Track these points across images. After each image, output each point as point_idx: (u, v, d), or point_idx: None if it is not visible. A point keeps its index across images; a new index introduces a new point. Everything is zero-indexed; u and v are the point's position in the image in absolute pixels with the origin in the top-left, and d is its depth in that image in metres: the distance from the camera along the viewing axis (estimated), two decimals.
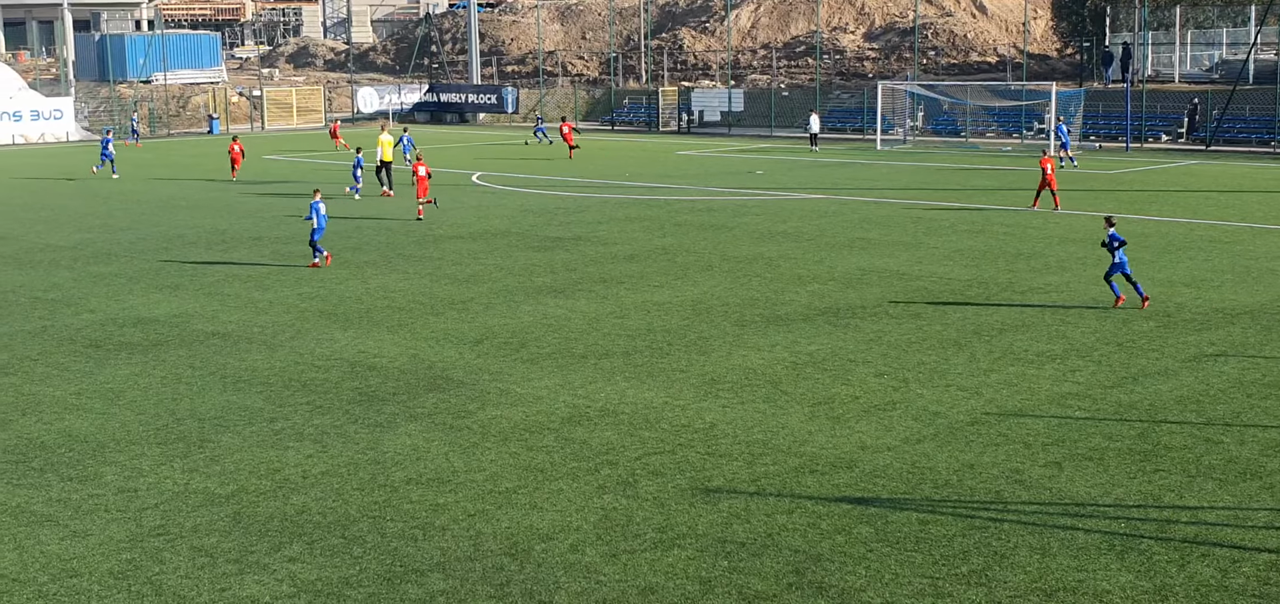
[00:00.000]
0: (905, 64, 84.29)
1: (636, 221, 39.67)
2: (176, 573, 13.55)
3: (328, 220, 32.28)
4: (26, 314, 26.78)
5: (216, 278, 30.62)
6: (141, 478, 16.51)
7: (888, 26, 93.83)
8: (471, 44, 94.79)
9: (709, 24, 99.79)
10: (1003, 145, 67.03)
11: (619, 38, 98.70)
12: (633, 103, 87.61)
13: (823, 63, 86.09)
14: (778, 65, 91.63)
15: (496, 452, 17.42)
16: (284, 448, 17.68)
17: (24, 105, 78.12)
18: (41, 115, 78.12)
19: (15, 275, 31.29)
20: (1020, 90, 70.24)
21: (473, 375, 21.42)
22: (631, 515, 15.02)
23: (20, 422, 19.04)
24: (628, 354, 22.77)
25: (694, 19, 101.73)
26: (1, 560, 13.89)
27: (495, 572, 13.50)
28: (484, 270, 31.30)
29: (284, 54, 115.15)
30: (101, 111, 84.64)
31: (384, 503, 15.53)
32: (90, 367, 22.33)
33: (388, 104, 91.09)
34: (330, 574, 13.48)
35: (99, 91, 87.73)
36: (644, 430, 18.29)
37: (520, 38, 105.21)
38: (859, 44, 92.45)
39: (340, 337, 24.38)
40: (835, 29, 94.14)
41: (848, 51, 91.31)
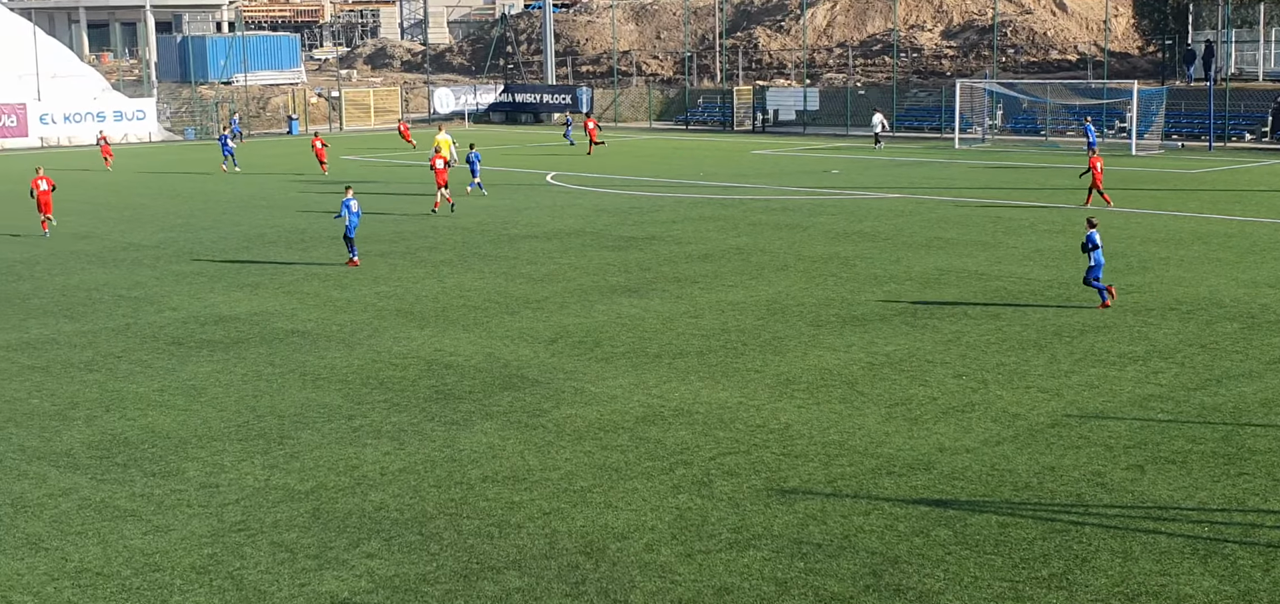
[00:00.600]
0: (984, 62, 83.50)
1: (711, 221, 39.60)
2: (257, 568, 13.70)
3: (360, 218, 32.63)
4: (110, 312, 27.22)
5: (295, 277, 30.96)
6: (223, 474, 16.72)
7: (966, 24, 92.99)
8: (546, 44, 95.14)
9: (784, 23, 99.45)
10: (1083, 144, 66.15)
11: (693, 37, 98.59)
12: (707, 102, 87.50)
13: (900, 61, 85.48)
14: (854, 64, 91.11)
15: (571, 450, 17.45)
16: (362, 445, 17.82)
17: (108, 106, 79.46)
18: (124, 116, 79.41)
19: (99, 273, 31.82)
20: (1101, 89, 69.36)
21: (547, 374, 21.48)
22: (707, 515, 14.98)
23: (104, 418, 19.35)
24: (702, 354, 22.73)
25: (769, 18, 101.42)
26: (86, 554, 14.12)
27: (570, 570, 13.52)
28: (558, 269, 31.38)
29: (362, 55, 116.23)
30: (183, 112, 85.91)
31: (460, 500, 15.61)
32: (172, 364, 22.65)
33: (463, 104, 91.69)
34: (407, 571, 13.57)
35: (180, 92, 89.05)
36: (719, 430, 18.24)
37: (595, 38, 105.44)
38: (937, 42, 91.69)
39: (417, 335, 24.54)
40: (913, 27, 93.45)
41: (925, 50, 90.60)
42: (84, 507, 15.57)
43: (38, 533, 14.73)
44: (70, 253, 35.04)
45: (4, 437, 18.41)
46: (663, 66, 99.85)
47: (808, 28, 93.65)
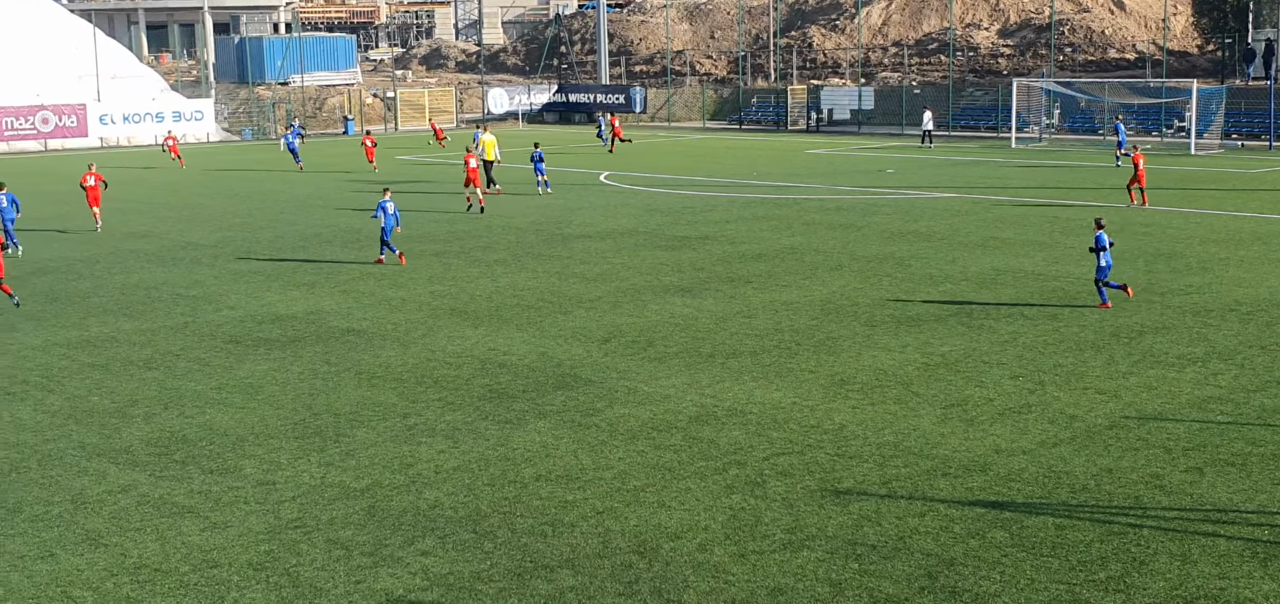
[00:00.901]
0: (1041, 61, 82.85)
1: (764, 221, 39.51)
2: (313, 565, 13.80)
3: (396, 219, 32.96)
4: (169, 310, 27.51)
5: (351, 275, 31.17)
6: (279, 471, 16.85)
7: (1023, 23, 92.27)
8: (600, 44, 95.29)
9: (839, 22, 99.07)
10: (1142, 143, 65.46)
11: (748, 36, 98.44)
12: (761, 102, 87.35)
13: (956, 60, 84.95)
14: (909, 63, 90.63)
15: (624, 450, 17.46)
16: (417, 443, 17.91)
17: (166, 106, 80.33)
18: (183, 116, 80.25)
19: (159, 272, 32.17)
20: (1160, 87, 68.62)
21: (600, 373, 21.50)
22: (760, 516, 14.94)
23: (163, 415, 19.55)
24: (755, 354, 22.67)
25: (824, 17, 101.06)
26: (144, 550, 14.28)
27: (624, 569, 13.52)
28: (611, 269, 31.41)
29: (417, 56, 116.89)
30: (240, 113, 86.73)
31: (514, 499, 15.65)
32: (230, 362, 22.86)
33: (517, 105, 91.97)
34: (462, 569, 13.62)
35: (238, 93, 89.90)
36: (772, 431, 18.19)
37: (649, 37, 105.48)
38: (993, 41, 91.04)
39: (471, 334, 24.64)
40: (969, 26, 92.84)
41: (982, 48, 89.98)
42: (143, 503, 15.74)
43: (97, 529, 14.91)
44: (130, 252, 35.44)
45: (65, 434, 18.65)
46: (716, 66, 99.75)
47: (863, 26, 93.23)
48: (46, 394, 20.82)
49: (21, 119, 74.58)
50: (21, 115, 74.65)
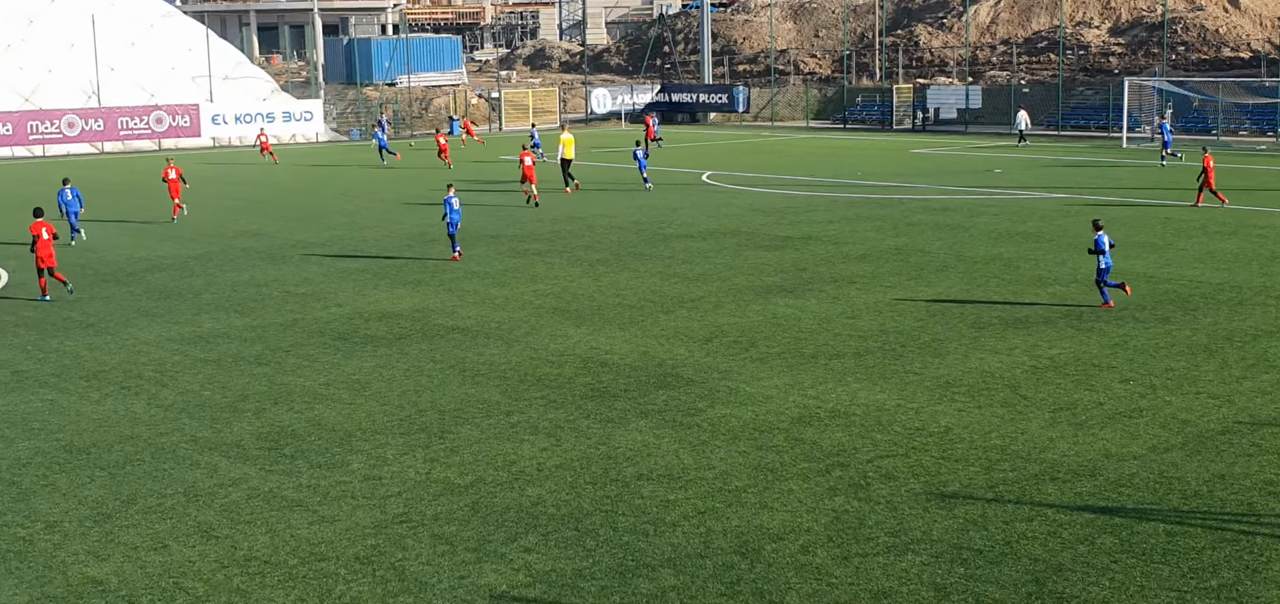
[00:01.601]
0: (1153, 60, 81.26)
1: (869, 221, 39.21)
2: (418, 559, 13.94)
3: (461, 215, 33.71)
4: (279, 307, 27.97)
5: (455, 274, 31.46)
6: (385, 466, 17.06)
7: (1135, 21, 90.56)
8: (704, 43, 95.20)
9: (946, 20, 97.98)
10: (1257, 144, 63.98)
11: (853, 35, 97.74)
12: (865, 101, 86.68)
13: (1066, 59, 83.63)
14: (1018, 61, 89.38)
15: (726, 450, 17.42)
16: (520, 441, 18.03)
17: (277, 107, 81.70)
18: (293, 116, 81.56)
19: (269, 270, 32.73)
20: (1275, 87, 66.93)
21: (702, 373, 21.48)
22: (863, 518, 14.82)
23: (273, 410, 19.89)
24: (859, 355, 22.50)
25: (930, 15, 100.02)
26: (254, 543, 14.53)
27: (725, 570, 13.49)
28: (713, 269, 31.36)
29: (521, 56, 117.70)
30: (349, 113, 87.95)
31: (616, 497, 15.69)
32: (338, 358, 23.19)
33: (620, 104, 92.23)
34: (564, 566, 13.68)
35: (346, 94, 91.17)
36: (876, 433, 18.04)
37: (752, 36, 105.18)
38: (1104, 39, 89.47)
39: (573, 333, 24.75)
40: (1079, 24, 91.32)
41: (1092, 47, 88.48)
42: (253, 496, 16.02)
43: (209, 521, 15.20)
44: (241, 250, 36.11)
45: (178, 427, 19.05)
46: (821, 65, 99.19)
47: (970, 24, 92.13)
48: (160, 388, 21.28)
49: (137, 119, 76.32)
50: (137, 115, 76.39)
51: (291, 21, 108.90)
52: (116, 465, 17.30)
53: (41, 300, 29.09)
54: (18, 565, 13.96)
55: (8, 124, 72.47)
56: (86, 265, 33.81)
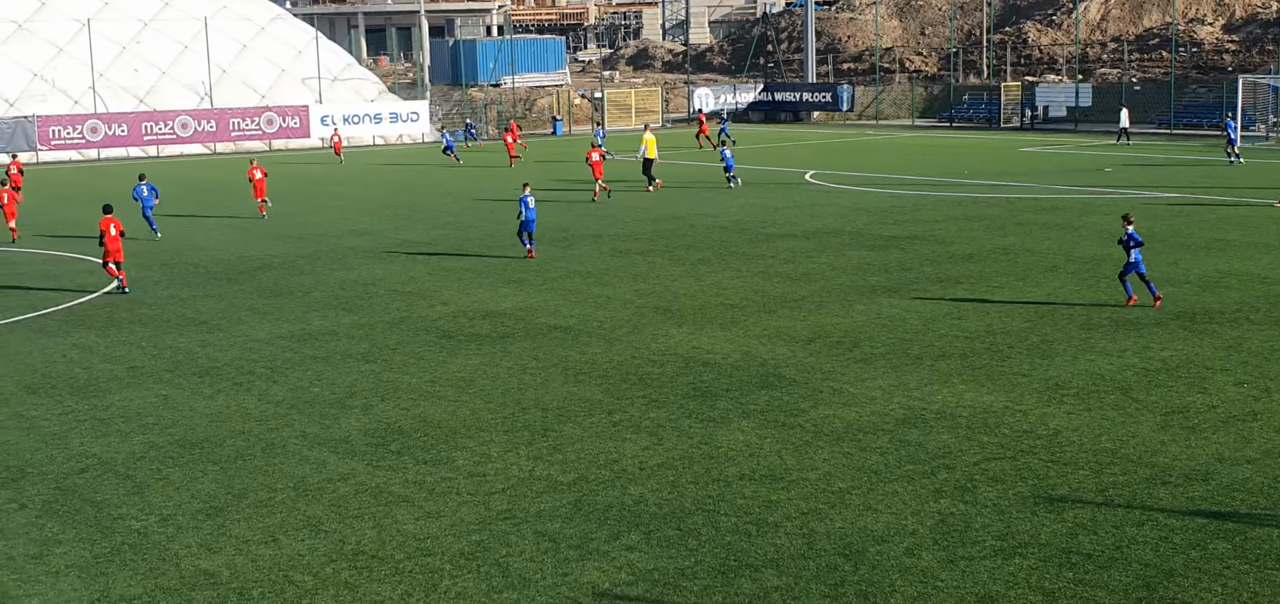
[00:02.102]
0: (1268, 57, 79.32)
1: (975, 220, 38.74)
2: (522, 556, 14.04)
3: (536, 213, 34.22)
4: (386, 306, 28.33)
5: (558, 273, 31.63)
6: (490, 463, 17.20)
7: (1249, 18, 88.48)
8: (808, 42, 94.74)
9: (1055, 17, 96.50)
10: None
11: (960, 32, 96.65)
12: (972, 99, 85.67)
13: (1178, 56, 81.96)
14: (1129, 59, 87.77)
15: (829, 451, 17.32)
16: (622, 439, 18.07)
17: (384, 108, 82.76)
18: (399, 117, 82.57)
19: (376, 269, 33.16)
20: None
21: (805, 373, 21.37)
22: (970, 521, 14.64)
23: (380, 407, 20.15)
24: (965, 356, 22.24)
25: (1039, 12, 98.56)
26: (362, 538, 14.73)
27: (829, 571, 13.40)
28: (816, 269, 31.19)
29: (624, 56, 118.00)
30: (454, 114, 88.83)
31: (718, 497, 15.66)
32: (443, 356, 23.43)
33: (722, 104, 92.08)
34: (666, 565, 13.69)
35: (452, 95, 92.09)
36: (983, 435, 17.81)
37: (857, 35, 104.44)
38: (1217, 36, 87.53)
39: (675, 332, 24.75)
40: (1192, 21, 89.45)
41: (1206, 44, 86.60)
42: (361, 492, 16.24)
43: (318, 516, 15.44)
44: (349, 249, 36.62)
45: (288, 423, 19.37)
46: (927, 63, 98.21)
47: (1080, 21, 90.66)
48: (271, 385, 21.65)
49: (248, 120, 77.76)
50: (248, 116, 77.83)
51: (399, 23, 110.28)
52: (228, 460, 17.64)
53: (123, 292, 30.22)
54: (132, 558, 14.29)
55: (123, 125, 74.24)
56: (199, 264, 34.53)
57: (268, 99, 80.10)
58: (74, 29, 76.71)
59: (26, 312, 28.35)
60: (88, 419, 19.77)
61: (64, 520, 15.46)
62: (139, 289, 30.89)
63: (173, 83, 78.55)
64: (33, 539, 14.87)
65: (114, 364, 23.33)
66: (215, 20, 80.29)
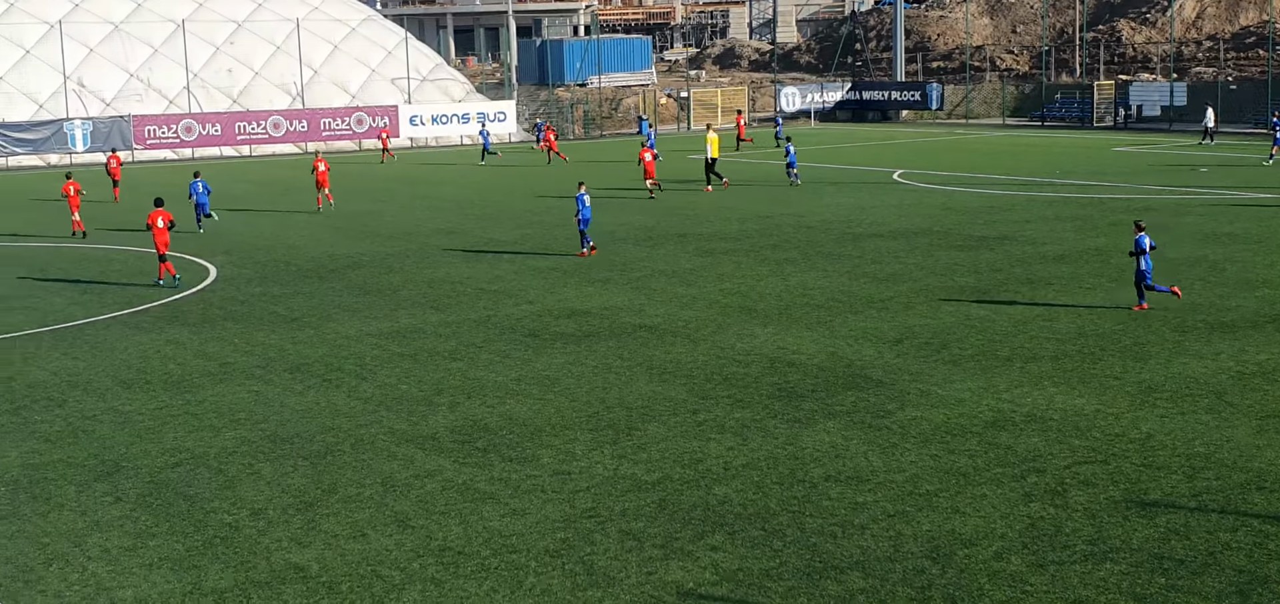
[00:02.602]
0: None
1: (1067, 221, 38.21)
2: (606, 554, 14.06)
3: (592, 211, 34.64)
4: (473, 304, 28.53)
5: (642, 273, 31.65)
6: (574, 462, 17.25)
7: None
8: (897, 40, 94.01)
9: (1150, 15, 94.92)
10: None
11: (1052, 31, 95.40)
12: (1064, 97, 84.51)
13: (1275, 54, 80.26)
14: (1225, 57, 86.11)
15: (917, 453, 17.16)
16: (706, 439, 18.04)
17: (471, 108, 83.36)
18: (487, 117, 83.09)
19: (463, 268, 33.40)
20: None
21: (892, 375, 21.20)
22: (1060, 525, 14.44)
23: (466, 404, 20.29)
24: (1056, 358, 21.94)
25: (1133, 10, 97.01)
26: (448, 533, 14.84)
27: (916, 574, 13.28)
28: (904, 269, 30.93)
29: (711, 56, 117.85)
30: (540, 113, 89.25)
31: (803, 498, 15.59)
32: (529, 354, 23.54)
33: (810, 103, 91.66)
34: (751, 565, 13.64)
35: (538, 94, 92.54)
36: (1074, 438, 17.56)
37: (947, 33, 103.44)
38: None
39: (760, 332, 24.67)
40: None
41: None
42: (447, 488, 16.37)
43: (405, 511, 15.58)
44: (436, 248, 36.92)
45: (376, 420, 19.57)
46: (1018, 61, 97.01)
47: (1175, 19, 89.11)
48: (360, 382, 21.89)
49: (338, 120, 78.68)
50: (338, 116, 78.76)
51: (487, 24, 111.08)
52: (318, 455, 17.86)
53: (162, 282, 31.49)
54: (224, 551, 14.51)
55: (216, 125, 75.47)
56: (290, 261, 35.00)
57: (358, 99, 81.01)
58: (169, 30, 78.11)
59: (122, 308, 28.91)
60: (181, 414, 20.12)
61: (157, 513, 15.74)
62: (231, 286, 31.38)
63: (265, 83, 79.71)
64: (127, 532, 15.16)
65: (207, 360, 23.72)
66: (307, 21, 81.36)
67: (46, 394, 21.51)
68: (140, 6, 79.39)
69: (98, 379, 22.46)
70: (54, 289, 31.64)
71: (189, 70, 77.06)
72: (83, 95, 74.79)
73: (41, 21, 75.56)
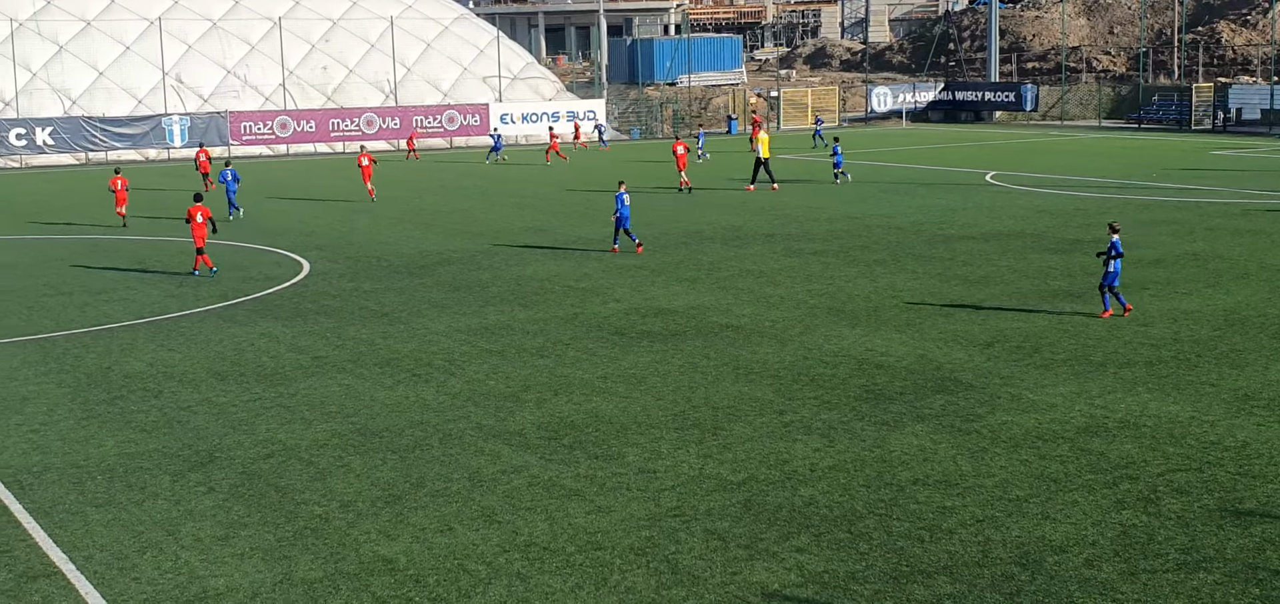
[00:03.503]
0: None
1: (1163, 225, 37.56)
2: (691, 553, 14.05)
3: (630, 209, 35.34)
4: (560, 301, 28.65)
5: (729, 272, 31.59)
6: (660, 460, 17.26)
7: None
8: (991, 40, 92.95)
9: (1250, 17, 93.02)
10: None
11: (1149, 32, 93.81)
12: (1162, 100, 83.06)
13: None
14: None
15: (1007, 458, 16.96)
16: (792, 440, 17.97)
17: (561, 107, 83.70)
18: (576, 116, 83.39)
19: (551, 265, 33.55)
20: None
21: (982, 378, 20.97)
22: (1153, 533, 14.20)
23: (553, 401, 20.38)
24: (1151, 364, 21.57)
25: (1233, 11, 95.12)
26: (534, 529, 14.91)
27: (1004, 580, 13.13)
28: (996, 272, 30.58)
29: (802, 55, 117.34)
30: (630, 113, 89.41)
31: (890, 501, 15.47)
32: (615, 353, 23.59)
33: (902, 103, 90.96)
34: (837, 568, 13.56)
35: (628, 93, 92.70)
36: (1168, 446, 17.26)
37: (1042, 34, 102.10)
38: None
39: (848, 334, 24.52)
40: None
41: None
42: (533, 484, 16.45)
43: (492, 506, 15.68)
44: (525, 246, 37.12)
45: (464, 415, 19.72)
46: (1115, 63, 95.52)
47: (1277, 21, 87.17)
48: (448, 377, 22.07)
49: (430, 117, 79.40)
50: (430, 114, 79.47)
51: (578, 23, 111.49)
52: (407, 449, 18.03)
53: (197, 273, 32.54)
54: (314, 542, 14.70)
55: (311, 121, 76.47)
56: (381, 257, 35.38)
57: (449, 97, 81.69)
58: (266, 27, 79.28)
59: (217, 301, 29.40)
60: (274, 406, 20.41)
61: (249, 504, 15.98)
62: (324, 281, 31.78)
63: (359, 81, 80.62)
64: (220, 522, 15.41)
65: (299, 353, 24.04)
66: (401, 19, 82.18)
67: (143, 385, 21.94)
68: (238, 4, 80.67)
69: (193, 371, 22.86)
70: (150, 281, 32.25)
71: (284, 67, 78.18)
72: (181, 91, 76.16)
73: (142, 18, 77.02)
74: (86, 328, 26.73)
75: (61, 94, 73.49)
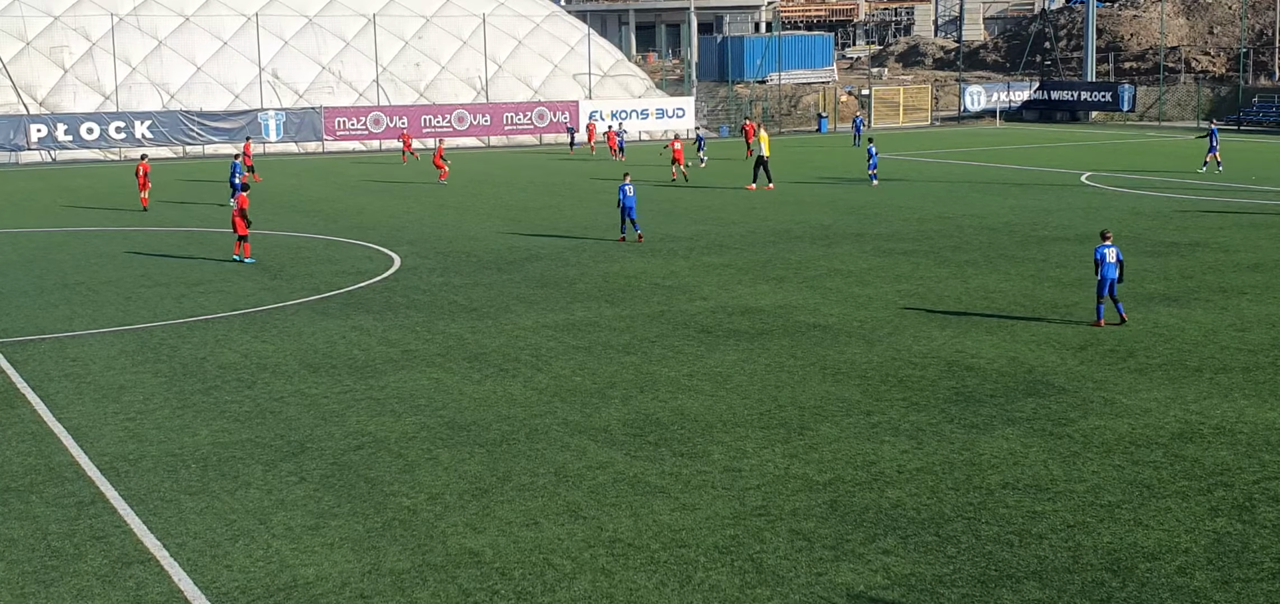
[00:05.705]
0: None
1: (1264, 228, 36.77)
2: (775, 553, 14.00)
3: (635, 200, 37.12)
4: (647, 299, 28.67)
5: (818, 272, 31.43)
6: (745, 459, 17.22)
7: None
8: (1088, 40, 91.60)
9: None
10: None
11: (1250, 32, 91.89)
12: (1263, 101, 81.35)
13: None
14: None
15: (1099, 463, 16.71)
16: (880, 441, 17.84)
17: (651, 104, 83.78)
18: (666, 113, 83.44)
19: (638, 263, 33.59)
20: None
21: (1075, 382, 20.67)
22: (1248, 542, 13.91)
23: (639, 398, 20.40)
24: (1248, 370, 21.14)
25: None
26: (619, 525, 14.94)
27: (1095, 587, 12.93)
28: (1090, 274, 30.05)
29: (894, 53, 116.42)
30: (719, 110, 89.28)
31: (979, 505, 15.30)
32: (701, 351, 23.56)
33: (995, 102, 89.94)
34: (923, 570, 13.44)
35: (717, 91, 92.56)
36: (1264, 453, 16.90)
37: (1140, 33, 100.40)
38: None
39: (938, 335, 24.29)
40: None
41: None
42: (619, 480, 16.48)
43: (577, 502, 15.74)
44: (613, 243, 37.19)
45: (550, 410, 19.81)
46: (1214, 63, 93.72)
47: None
48: (536, 372, 22.19)
49: (520, 114, 79.85)
50: (520, 111, 79.92)
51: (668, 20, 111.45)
52: (494, 443, 18.15)
53: (236, 258, 34.42)
54: (402, 533, 14.85)
55: (403, 117, 77.22)
56: (471, 253, 35.64)
57: (539, 94, 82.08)
58: (360, 24, 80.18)
59: (309, 294, 29.80)
60: (364, 399, 20.65)
61: (339, 494, 16.18)
62: (414, 275, 32.08)
63: (451, 77, 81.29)
64: (310, 511, 15.62)
65: (390, 347, 24.30)
66: (493, 17, 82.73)
67: (236, 376, 22.29)
68: (333, 1, 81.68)
69: (285, 362, 23.18)
70: (245, 273, 32.76)
71: (378, 63, 79.02)
72: (277, 86, 77.27)
73: (239, 14, 78.26)
74: (182, 319, 27.23)
75: (160, 88, 74.90)
